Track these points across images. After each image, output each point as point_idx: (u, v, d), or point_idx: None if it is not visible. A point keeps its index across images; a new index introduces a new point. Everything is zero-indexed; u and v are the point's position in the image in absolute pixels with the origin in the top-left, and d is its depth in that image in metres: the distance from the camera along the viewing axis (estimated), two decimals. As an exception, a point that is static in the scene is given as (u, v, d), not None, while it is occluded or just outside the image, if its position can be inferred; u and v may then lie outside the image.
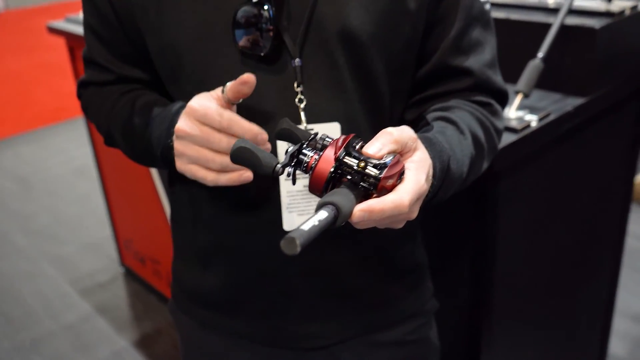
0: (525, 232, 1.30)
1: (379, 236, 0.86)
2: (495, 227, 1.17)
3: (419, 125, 0.85)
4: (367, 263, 0.91)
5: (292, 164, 0.61)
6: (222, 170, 0.75)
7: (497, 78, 0.87)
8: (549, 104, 1.23)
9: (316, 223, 0.51)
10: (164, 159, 0.82)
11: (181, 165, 0.78)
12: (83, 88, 0.94)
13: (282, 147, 0.80)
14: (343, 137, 0.61)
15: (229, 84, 0.74)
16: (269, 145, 0.76)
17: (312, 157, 0.60)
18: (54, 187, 3.72)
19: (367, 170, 0.58)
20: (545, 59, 1.20)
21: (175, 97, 0.86)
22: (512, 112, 1.15)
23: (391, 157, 0.59)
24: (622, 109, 1.47)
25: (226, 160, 0.74)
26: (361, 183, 0.58)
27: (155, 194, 2.21)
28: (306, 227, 0.50)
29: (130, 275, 2.74)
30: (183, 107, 0.79)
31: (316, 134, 0.63)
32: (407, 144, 0.63)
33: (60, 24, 2.38)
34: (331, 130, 0.80)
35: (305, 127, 0.79)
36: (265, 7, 0.75)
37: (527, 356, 1.51)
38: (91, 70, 0.91)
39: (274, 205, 0.83)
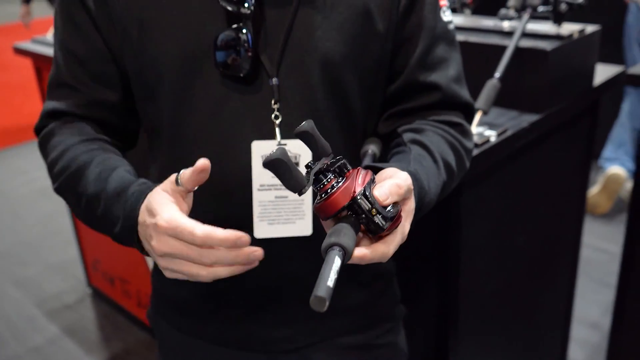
0: (487, 242, 1.37)
1: None
2: (458, 236, 1.23)
3: (391, 140, 0.91)
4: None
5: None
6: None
7: (464, 92, 0.93)
8: (506, 120, 1.31)
9: (336, 276, 0.55)
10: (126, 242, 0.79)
11: (170, 274, 0.74)
12: (49, 119, 0.91)
13: (256, 159, 0.85)
14: (363, 173, 0.64)
15: (184, 174, 0.71)
16: (250, 248, 0.71)
17: (331, 180, 0.63)
18: (17, 208, 3.67)
19: (375, 219, 0.62)
20: (501, 79, 1.28)
21: (150, 115, 0.90)
22: (473, 128, 1.22)
23: (396, 209, 0.63)
24: (575, 125, 1.57)
25: (216, 269, 0.71)
26: (366, 223, 0.62)
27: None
28: (331, 283, 0.54)
29: (98, 295, 2.72)
30: (137, 201, 0.76)
31: (341, 158, 0.65)
32: (406, 195, 0.67)
33: (26, 44, 2.38)
34: (303, 146, 0.84)
35: (279, 142, 0.84)
36: (244, 31, 0.80)
37: (492, 362, 1.58)
38: (59, 93, 0.90)
39: (246, 215, 0.87)
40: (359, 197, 0.61)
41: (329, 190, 0.62)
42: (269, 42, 0.82)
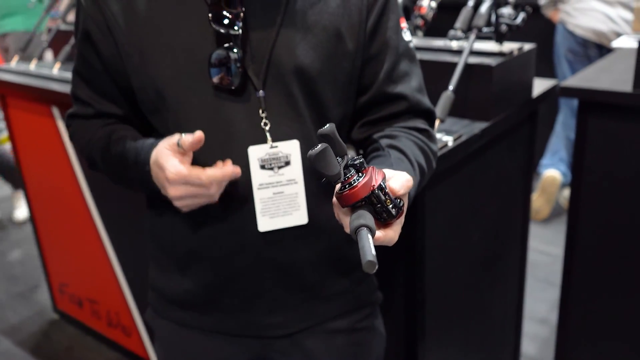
0: (447, 236, 1.51)
1: (334, 237, 1.05)
2: (423, 230, 1.37)
3: (365, 145, 1.05)
4: (324, 260, 1.07)
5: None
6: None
7: (426, 100, 1.08)
8: (460, 127, 1.47)
9: (372, 246, 0.68)
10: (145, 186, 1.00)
11: (186, 208, 0.95)
12: (70, 119, 1.11)
13: (253, 161, 0.97)
14: (377, 170, 0.75)
15: (185, 140, 0.89)
16: (238, 170, 0.93)
17: (353, 175, 0.74)
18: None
19: (389, 208, 0.74)
20: (455, 91, 1.44)
21: (156, 125, 1.02)
22: (432, 135, 1.37)
23: (402, 202, 0.76)
24: (518, 131, 1.75)
25: (218, 191, 0.93)
26: (380, 212, 0.74)
27: (96, 234, 2.27)
28: (373, 251, 0.67)
29: (66, 319, 2.73)
30: (147, 158, 0.96)
31: (362, 156, 0.77)
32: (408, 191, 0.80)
33: (-10, 73, 2.43)
34: (292, 147, 0.98)
35: (271, 145, 0.97)
36: (234, 50, 0.93)
37: (456, 352, 1.71)
38: (76, 105, 1.08)
39: (247, 211, 0.99)
40: (377, 190, 0.74)
41: (352, 183, 0.74)
42: (255, 60, 0.95)
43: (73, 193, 2.29)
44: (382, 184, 0.74)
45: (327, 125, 0.72)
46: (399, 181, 0.77)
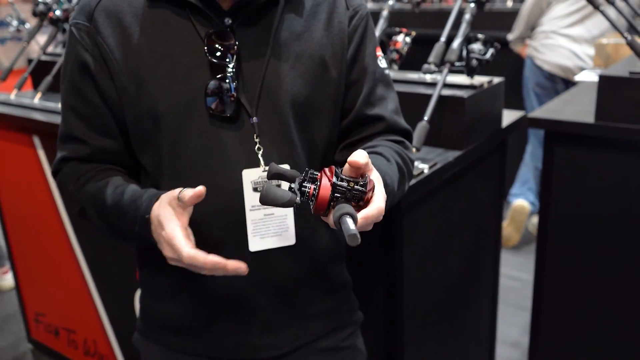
0: (424, 259, 1.57)
1: (319, 257, 1.10)
2: (401, 252, 1.43)
3: None
4: (311, 279, 1.12)
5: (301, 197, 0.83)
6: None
7: (402, 121, 1.15)
8: (435, 156, 1.55)
9: (354, 226, 0.75)
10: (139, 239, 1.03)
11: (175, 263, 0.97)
12: (61, 164, 1.10)
13: (246, 184, 1.02)
14: (327, 169, 0.83)
15: (184, 194, 0.91)
16: (237, 266, 0.94)
17: (310, 187, 0.82)
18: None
19: (355, 188, 0.81)
20: (429, 121, 1.52)
21: (146, 160, 1.06)
22: (408, 163, 1.44)
23: (366, 177, 0.83)
24: (489, 160, 1.83)
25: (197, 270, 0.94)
26: (352, 197, 0.81)
27: (75, 262, 2.27)
28: (353, 226, 0.75)
29: (40, 349, 2.70)
30: (149, 207, 0.97)
31: (307, 170, 0.84)
32: (368, 165, 0.87)
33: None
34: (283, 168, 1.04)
35: (264, 169, 1.02)
36: (227, 80, 0.99)
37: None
38: (69, 146, 1.08)
39: (239, 233, 1.03)
40: (337, 182, 0.81)
41: (314, 193, 0.81)
42: (247, 89, 1.01)
43: (52, 222, 2.29)
44: (336, 175, 0.81)
45: (269, 166, 0.86)
46: (351, 159, 0.83)
